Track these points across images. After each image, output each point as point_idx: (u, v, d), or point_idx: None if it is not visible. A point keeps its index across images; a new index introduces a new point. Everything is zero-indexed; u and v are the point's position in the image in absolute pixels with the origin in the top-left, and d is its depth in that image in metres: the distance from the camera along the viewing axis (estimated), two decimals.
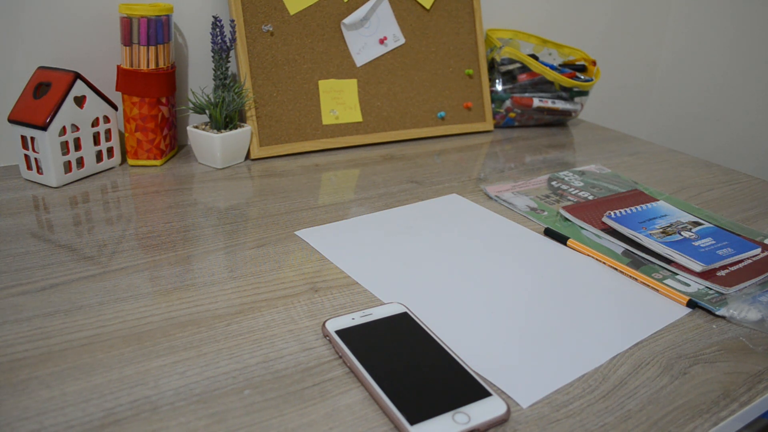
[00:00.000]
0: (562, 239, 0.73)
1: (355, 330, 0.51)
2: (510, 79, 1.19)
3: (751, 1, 1.47)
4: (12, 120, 0.78)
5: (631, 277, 0.66)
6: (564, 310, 0.60)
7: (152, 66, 0.85)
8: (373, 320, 0.52)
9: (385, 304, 0.55)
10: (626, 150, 1.13)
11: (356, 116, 1.04)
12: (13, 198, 0.77)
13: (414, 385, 0.45)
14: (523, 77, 1.18)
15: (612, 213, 0.77)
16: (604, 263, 0.69)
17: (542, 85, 1.19)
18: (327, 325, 0.52)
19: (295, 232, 0.72)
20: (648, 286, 0.65)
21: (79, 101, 0.81)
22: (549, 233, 0.75)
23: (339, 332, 0.51)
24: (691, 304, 0.61)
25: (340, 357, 0.50)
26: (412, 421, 0.42)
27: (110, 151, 0.87)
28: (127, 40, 0.84)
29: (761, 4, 1.45)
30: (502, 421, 0.44)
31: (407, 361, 0.47)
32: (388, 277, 0.63)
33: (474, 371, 0.47)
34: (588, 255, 0.70)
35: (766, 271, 0.69)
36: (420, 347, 0.49)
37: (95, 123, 0.84)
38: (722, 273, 0.67)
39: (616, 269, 0.68)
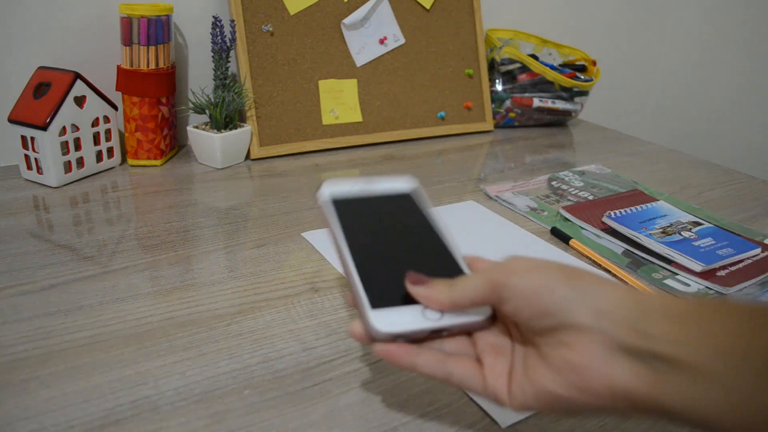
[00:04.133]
0: (566, 239, 0.73)
1: (351, 201, 0.44)
2: (510, 79, 1.19)
3: (751, 2, 1.47)
4: (12, 120, 0.78)
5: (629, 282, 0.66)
6: None
7: (152, 66, 0.85)
8: (374, 195, 0.46)
9: (395, 177, 0.48)
10: (626, 150, 1.13)
11: (356, 116, 1.04)
12: (13, 198, 0.77)
13: (394, 271, 0.39)
14: (523, 77, 1.18)
15: (612, 213, 0.77)
16: (599, 266, 0.69)
17: (542, 85, 1.19)
18: (324, 186, 0.45)
19: (302, 234, 0.72)
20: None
21: (79, 101, 0.81)
22: (555, 233, 0.75)
23: (335, 200, 0.44)
24: None
25: (327, 227, 0.43)
26: (375, 305, 0.37)
27: (110, 151, 0.87)
28: (127, 40, 0.84)
29: (762, 4, 1.45)
30: (479, 327, 0.38)
31: (396, 246, 0.42)
32: None
33: (468, 269, 0.41)
34: (589, 256, 0.70)
35: (766, 271, 0.68)
36: (416, 233, 0.43)
37: (95, 123, 0.84)
38: (722, 273, 0.67)
39: (615, 274, 0.68)
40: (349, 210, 0.43)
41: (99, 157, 0.86)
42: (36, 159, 0.79)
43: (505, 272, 0.35)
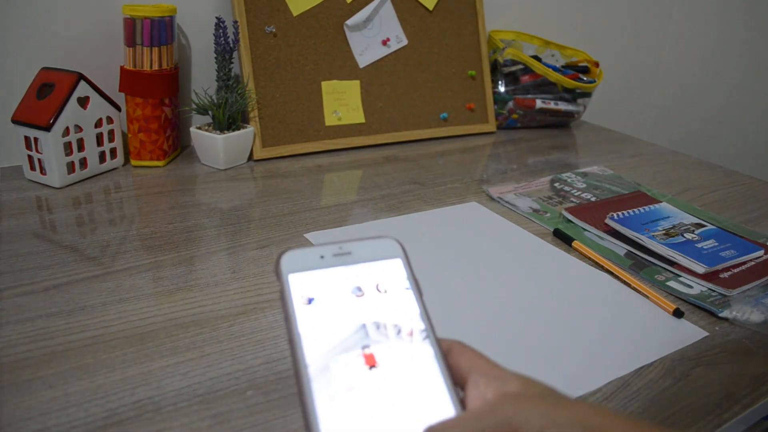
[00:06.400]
0: (569, 240, 0.73)
1: (317, 280, 0.34)
2: (513, 80, 1.19)
3: (752, 2, 1.47)
4: (15, 121, 0.78)
5: (632, 286, 0.66)
6: (571, 322, 0.59)
7: (155, 67, 0.86)
8: (346, 269, 0.35)
9: (374, 238, 0.36)
10: (629, 151, 1.13)
11: (359, 117, 1.04)
12: (17, 198, 0.77)
13: (362, 411, 0.31)
14: (525, 78, 1.18)
15: (615, 214, 0.77)
16: (602, 267, 0.69)
17: (545, 87, 1.19)
18: (285, 259, 0.34)
19: (304, 235, 0.72)
20: (640, 293, 0.64)
21: (83, 102, 0.81)
22: (557, 234, 0.75)
23: (296, 280, 0.34)
24: (678, 313, 0.60)
25: (282, 309, 0.33)
26: None
27: (113, 151, 0.87)
28: (131, 41, 0.85)
29: (763, 5, 1.45)
30: None
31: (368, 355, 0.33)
32: None
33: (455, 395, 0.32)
34: (592, 258, 0.70)
35: None
36: (394, 328, 0.34)
37: (98, 124, 0.84)
38: (725, 275, 0.67)
39: (617, 276, 0.67)
40: (312, 294, 0.34)
41: (102, 157, 0.86)
42: (39, 159, 0.79)
43: (519, 410, 0.28)
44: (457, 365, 0.32)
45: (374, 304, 0.34)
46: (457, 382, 0.32)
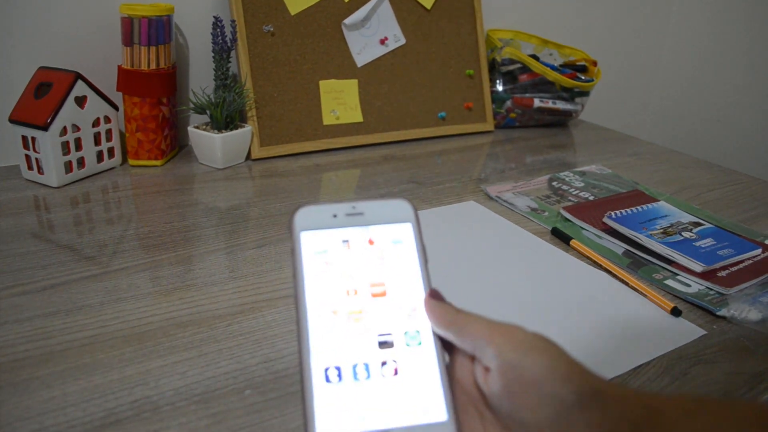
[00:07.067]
0: (567, 239, 0.73)
1: (328, 240, 0.36)
2: (511, 79, 1.19)
3: (752, 2, 1.47)
4: (13, 120, 0.78)
5: (630, 285, 0.66)
6: (569, 320, 0.59)
7: (153, 66, 0.85)
8: (357, 229, 0.36)
9: (387, 199, 0.37)
10: (627, 150, 1.13)
11: (357, 116, 1.04)
12: (14, 198, 0.77)
13: (360, 382, 0.32)
14: (523, 77, 1.18)
15: (613, 213, 0.77)
16: (600, 266, 0.69)
17: (543, 86, 1.19)
18: (299, 215, 0.36)
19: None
20: (638, 291, 0.64)
21: (80, 101, 0.81)
22: (556, 233, 0.75)
23: (308, 238, 0.35)
24: (676, 312, 0.60)
25: (293, 267, 0.35)
26: None
27: (111, 151, 0.87)
28: (128, 41, 0.84)
29: (763, 5, 1.45)
30: None
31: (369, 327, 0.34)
32: None
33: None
34: (590, 257, 0.70)
35: (766, 271, 0.68)
36: (397, 298, 0.35)
37: (96, 123, 0.84)
38: (723, 273, 0.67)
39: (615, 275, 0.67)
40: (322, 255, 0.35)
41: (100, 157, 0.86)
42: (37, 159, 0.79)
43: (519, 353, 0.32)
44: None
45: (377, 268, 0.35)
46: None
